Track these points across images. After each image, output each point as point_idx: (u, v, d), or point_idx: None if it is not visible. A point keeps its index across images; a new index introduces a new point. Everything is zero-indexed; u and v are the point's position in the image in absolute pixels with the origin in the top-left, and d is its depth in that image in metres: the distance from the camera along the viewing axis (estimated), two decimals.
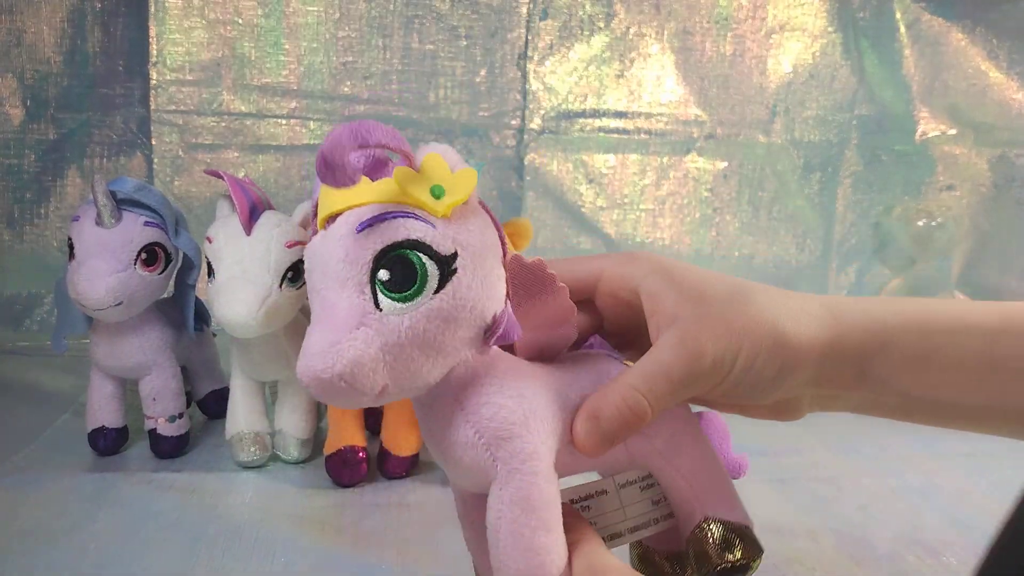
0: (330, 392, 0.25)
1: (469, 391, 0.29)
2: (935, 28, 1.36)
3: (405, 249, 0.26)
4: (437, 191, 0.26)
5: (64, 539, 0.57)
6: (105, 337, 0.70)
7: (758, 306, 0.30)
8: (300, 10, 1.18)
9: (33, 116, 1.13)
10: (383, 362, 0.25)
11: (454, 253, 0.26)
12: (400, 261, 0.26)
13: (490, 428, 0.29)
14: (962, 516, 0.65)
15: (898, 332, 0.31)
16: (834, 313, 0.31)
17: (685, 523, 0.36)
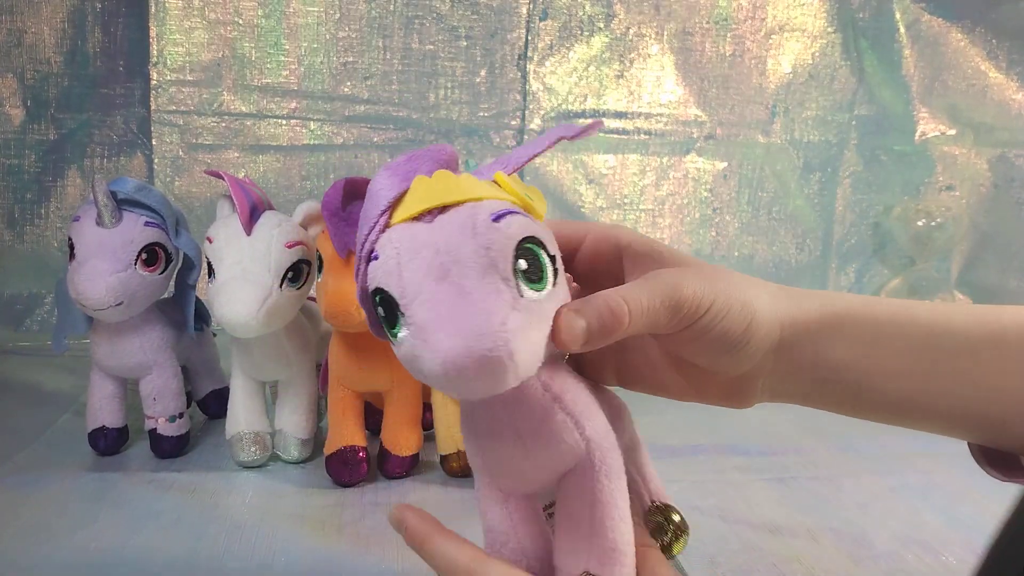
0: (488, 371, 0.25)
1: (552, 379, 0.32)
2: (935, 28, 1.36)
3: (530, 244, 0.27)
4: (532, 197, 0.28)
5: (65, 538, 0.58)
6: (105, 337, 0.70)
7: (733, 276, 0.33)
8: (300, 10, 1.18)
9: (33, 116, 1.13)
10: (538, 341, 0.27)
11: (554, 254, 0.29)
12: (531, 253, 0.27)
13: (575, 410, 0.32)
14: (961, 515, 0.66)
15: (848, 317, 0.33)
16: (793, 296, 0.34)
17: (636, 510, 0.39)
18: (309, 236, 0.67)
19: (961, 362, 0.32)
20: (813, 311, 0.33)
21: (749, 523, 0.63)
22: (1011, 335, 0.32)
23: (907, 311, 0.33)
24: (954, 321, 0.32)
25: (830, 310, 0.33)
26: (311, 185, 1.22)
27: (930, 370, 0.33)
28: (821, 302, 0.34)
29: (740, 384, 0.36)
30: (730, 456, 0.77)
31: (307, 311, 0.76)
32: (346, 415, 0.69)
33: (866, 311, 0.33)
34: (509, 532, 0.35)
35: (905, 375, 0.33)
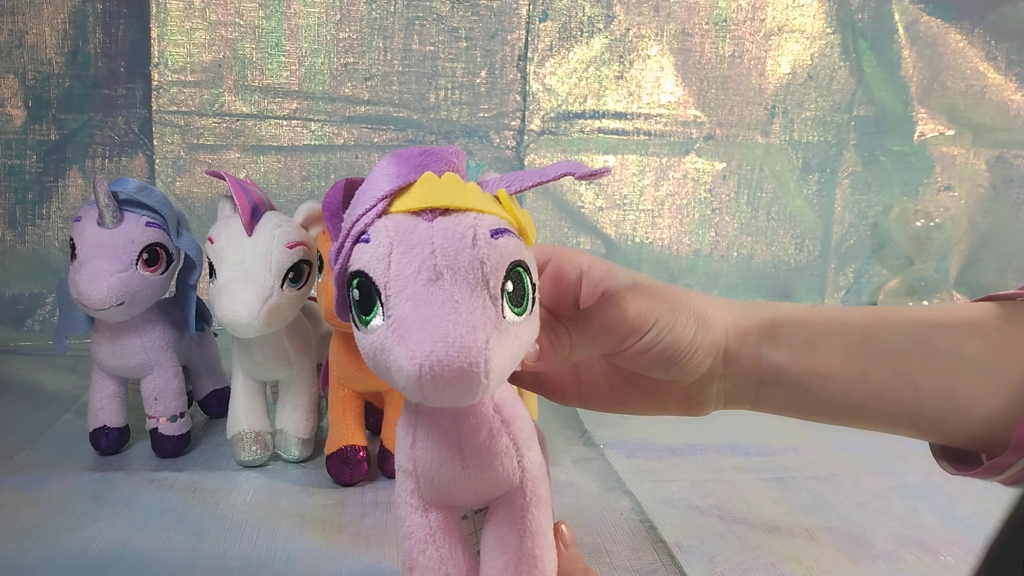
0: (462, 384, 0.25)
1: (504, 403, 0.32)
2: (933, 29, 1.36)
3: (520, 268, 0.27)
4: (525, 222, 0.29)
5: (66, 538, 0.58)
6: (107, 337, 0.70)
7: (683, 290, 0.36)
8: (301, 11, 1.18)
9: (35, 117, 1.13)
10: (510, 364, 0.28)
11: (536, 283, 0.29)
12: (519, 276, 0.27)
13: (520, 438, 0.32)
14: (960, 515, 0.66)
15: (786, 323, 0.35)
16: (739, 308, 0.36)
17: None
18: (310, 236, 0.67)
19: (893, 363, 0.33)
20: (755, 319, 0.36)
21: (748, 523, 0.63)
22: (937, 337, 0.33)
23: (841, 316, 0.35)
24: (886, 324, 0.34)
25: (770, 317, 0.35)
26: (312, 185, 1.22)
27: (865, 372, 0.34)
28: (763, 311, 0.36)
29: (695, 392, 0.37)
30: (729, 456, 0.78)
31: (308, 311, 0.76)
32: (346, 415, 0.69)
33: (802, 317, 0.35)
34: (428, 540, 0.34)
35: (842, 377, 0.34)
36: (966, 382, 0.33)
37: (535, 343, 0.31)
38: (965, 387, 0.33)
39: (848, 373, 0.34)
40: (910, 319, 0.34)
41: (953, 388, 0.33)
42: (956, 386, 0.33)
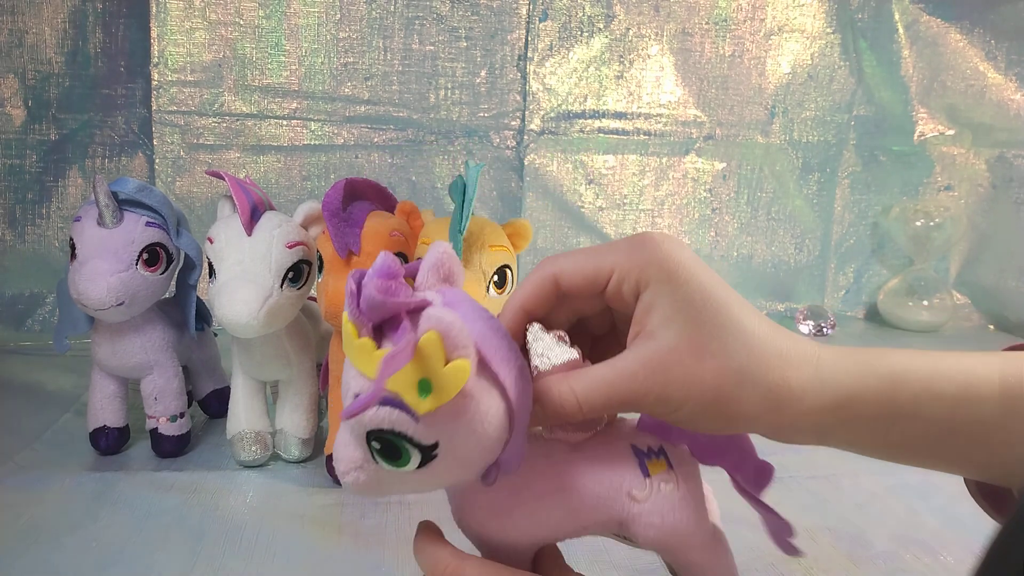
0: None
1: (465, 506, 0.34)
2: (933, 29, 1.36)
3: (390, 435, 0.28)
4: (425, 385, 0.27)
5: (66, 538, 0.58)
6: (107, 337, 0.70)
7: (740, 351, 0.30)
8: (301, 11, 1.18)
9: (35, 116, 1.13)
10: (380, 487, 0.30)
11: (435, 443, 0.28)
12: (388, 441, 0.29)
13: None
14: (959, 515, 0.66)
15: (865, 405, 0.31)
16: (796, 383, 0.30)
17: None
18: (310, 236, 0.67)
19: (978, 436, 0.31)
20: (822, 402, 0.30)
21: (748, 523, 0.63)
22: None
23: (931, 390, 0.30)
24: (980, 398, 0.30)
25: (844, 396, 0.30)
26: (312, 185, 1.22)
27: (942, 442, 0.31)
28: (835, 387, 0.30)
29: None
30: None
31: (307, 311, 0.76)
32: None
33: (886, 396, 0.30)
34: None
35: (914, 448, 0.32)
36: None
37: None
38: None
39: (921, 444, 0.32)
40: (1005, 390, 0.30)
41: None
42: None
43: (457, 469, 0.30)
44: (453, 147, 1.26)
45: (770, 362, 0.30)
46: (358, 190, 0.65)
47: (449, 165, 1.26)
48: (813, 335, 1.29)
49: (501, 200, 1.29)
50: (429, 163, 1.26)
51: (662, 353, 0.30)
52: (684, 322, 0.30)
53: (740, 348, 0.30)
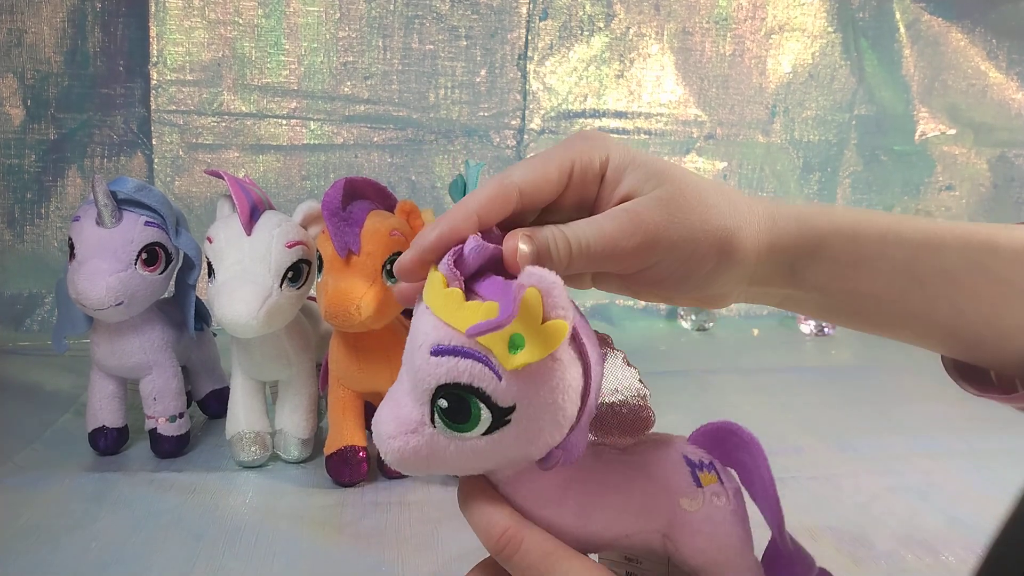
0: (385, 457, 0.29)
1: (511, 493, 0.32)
2: (935, 28, 1.36)
3: (465, 392, 0.27)
4: (517, 341, 0.26)
5: (65, 538, 0.58)
6: (106, 337, 0.70)
7: (711, 207, 0.32)
8: (300, 10, 1.18)
9: (34, 116, 1.13)
10: (429, 459, 0.29)
11: (512, 406, 0.27)
12: (459, 398, 0.27)
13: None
14: (960, 515, 0.66)
15: (829, 237, 0.32)
16: (774, 217, 0.33)
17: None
18: (309, 236, 0.67)
19: (939, 285, 0.32)
20: (798, 234, 0.32)
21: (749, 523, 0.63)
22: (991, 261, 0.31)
23: (896, 228, 0.32)
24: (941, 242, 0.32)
25: (811, 231, 0.32)
26: (311, 185, 1.22)
27: (906, 292, 0.32)
28: (812, 223, 0.32)
29: (711, 298, 0.35)
30: None
31: (307, 311, 0.76)
32: (346, 415, 0.69)
33: (854, 233, 0.32)
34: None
35: (879, 297, 0.33)
36: (1013, 308, 0.31)
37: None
38: (1009, 313, 0.32)
39: (887, 294, 0.32)
40: (968, 240, 0.32)
41: (997, 313, 0.32)
42: (1000, 311, 0.32)
43: (522, 443, 0.28)
44: (453, 146, 1.26)
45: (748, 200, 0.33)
46: (358, 189, 0.65)
47: (449, 164, 1.26)
48: (814, 335, 1.29)
49: None
50: (429, 162, 1.26)
51: (645, 206, 0.31)
52: (658, 183, 0.32)
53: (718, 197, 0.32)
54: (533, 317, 0.26)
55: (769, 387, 0.98)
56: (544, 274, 0.26)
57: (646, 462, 0.33)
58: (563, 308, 0.26)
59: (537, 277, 0.25)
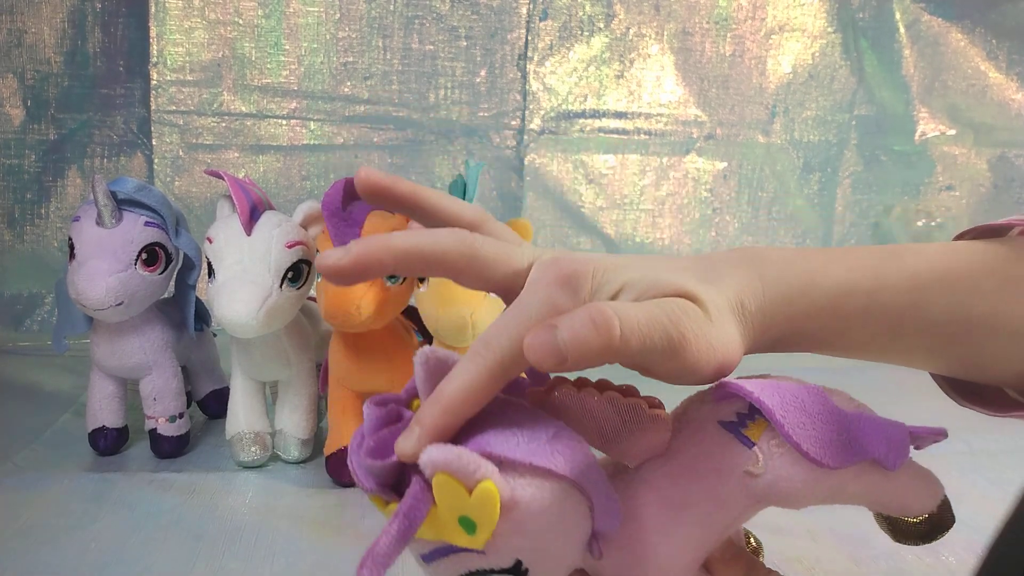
0: None
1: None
2: (935, 28, 1.36)
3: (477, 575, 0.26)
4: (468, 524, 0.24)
5: (65, 539, 0.58)
6: (105, 337, 0.70)
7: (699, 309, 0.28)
8: (300, 11, 1.18)
9: (34, 116, 1.13)
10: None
11: (516, 562, 0.26)
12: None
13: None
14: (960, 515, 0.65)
15: (810, 323, 0.30)
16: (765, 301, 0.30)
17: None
18: (309, 236, 0.67)
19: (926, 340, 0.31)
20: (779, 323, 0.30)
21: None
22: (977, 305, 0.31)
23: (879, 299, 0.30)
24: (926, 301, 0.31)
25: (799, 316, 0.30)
26: (311, 185, 1.22)
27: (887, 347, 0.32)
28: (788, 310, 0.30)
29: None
30: None
31: (307, 311, 0.76)
32: (346, 415, 0.69)
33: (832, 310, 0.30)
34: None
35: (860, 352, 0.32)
36: (996, 348, 0.31)
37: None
38: (993, 352, 0.31)
39: (866, 351, 0.32)
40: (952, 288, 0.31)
41: (981, 353, 0.32)
42: (984, 352, 0.31)
43: (558, 566, 0.27)
44: (453, 147, 1.26)
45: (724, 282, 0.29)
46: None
47: (449, 165, 1.26)
48: None
49: (501, 200, 1.28)
50: (429, 163, 1.26)
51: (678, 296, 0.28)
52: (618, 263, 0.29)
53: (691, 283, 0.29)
54: (459, 498, 0.24)
55: None
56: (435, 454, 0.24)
57: (691, 457, 0.30)
58: (476, 469, 0.24)
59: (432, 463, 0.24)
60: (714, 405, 0.31)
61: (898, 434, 0.30)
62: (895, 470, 0.29)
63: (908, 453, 0.30)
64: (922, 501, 0.31)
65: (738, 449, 0.29)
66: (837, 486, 0.30)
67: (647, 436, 0.29)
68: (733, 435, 0.30)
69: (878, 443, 0.29)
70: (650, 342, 0.26)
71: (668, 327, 0.26)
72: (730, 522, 0.30)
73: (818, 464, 0.28)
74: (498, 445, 0.26)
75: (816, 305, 0.30)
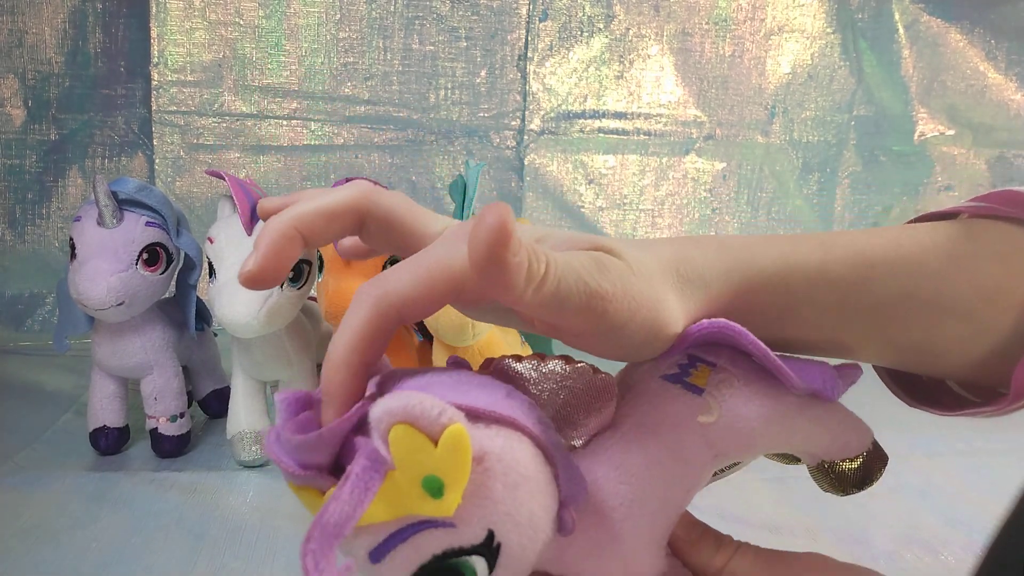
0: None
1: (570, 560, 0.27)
2: (934, 29, 1.36)
3: (440, 563, 0.22)
4: (432, 482, 0.21)
5: (66, 538, 0.58)
6: (107, 337, 0.70)
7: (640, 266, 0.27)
8: (301, 11, 1.18)
9: (35, 117, 1.13)
10: None
11: (489, 533, 0.23)
12: (445, 572, 0.23)
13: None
14: (960, 515, 0.66)
15: (759, 293, 0.29)
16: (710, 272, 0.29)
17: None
18: None
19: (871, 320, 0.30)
20: (726, 294, 0.29)
21: (748, 523, 0.63)
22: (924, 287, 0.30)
23: (825, 272, 0.30)
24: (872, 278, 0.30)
25: (744, 287, 0.29)
26: (312, 185, 1.22)
27: (837, 332, 0.31)
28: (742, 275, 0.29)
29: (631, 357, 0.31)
30: None
31: (308, 311, 0.76)
32: None
33: (785, 282, 0.29)
34: None
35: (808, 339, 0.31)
36: (943, 329, 0.31)
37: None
38: (940, 334, 0.31)
39: (815, 336, 0.31)
40: (898, 266, 0.30)
41: (928, 337, 0.31)
42: (933, 336, 0.31)
43: (529, 542, 0.24)
44: (453, 147, 1.26)
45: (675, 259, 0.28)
46: None
47: (449, 165, 1.26)
48: None
49: (501, 200, 1.28)
50: (429, 163, 1.26)
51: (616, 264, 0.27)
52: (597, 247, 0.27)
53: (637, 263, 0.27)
54: (420, 450, 0.20)
55: None
56: (391, 402, 0.21)
57: (640, 421, 0.28)
58: (440, 412, 0.20)
59: (389, 411, 0.21)
60: (652, 363, 0.29)
61: (825, 368, 0.29)
62: (835, 400, 0.29)
63: (841, 384, 0.29)
64: (860, 435, 0.30)
65: (688, 399, 0.28)
66: (788, 423, 0.29)
67: (595, 403, 0.27)
68: (680, 386, 0.28)
69: (814, 376, 0.29)
70: (565, 287, 0.23)
71: (583, 275, 0.24)
72: (694, 480, 0.28)
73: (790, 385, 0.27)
74: (455, 397, 0.22)
75: (762, 275, 0.29)
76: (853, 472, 0.31)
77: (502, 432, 0.23)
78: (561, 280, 0.23)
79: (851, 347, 0.31)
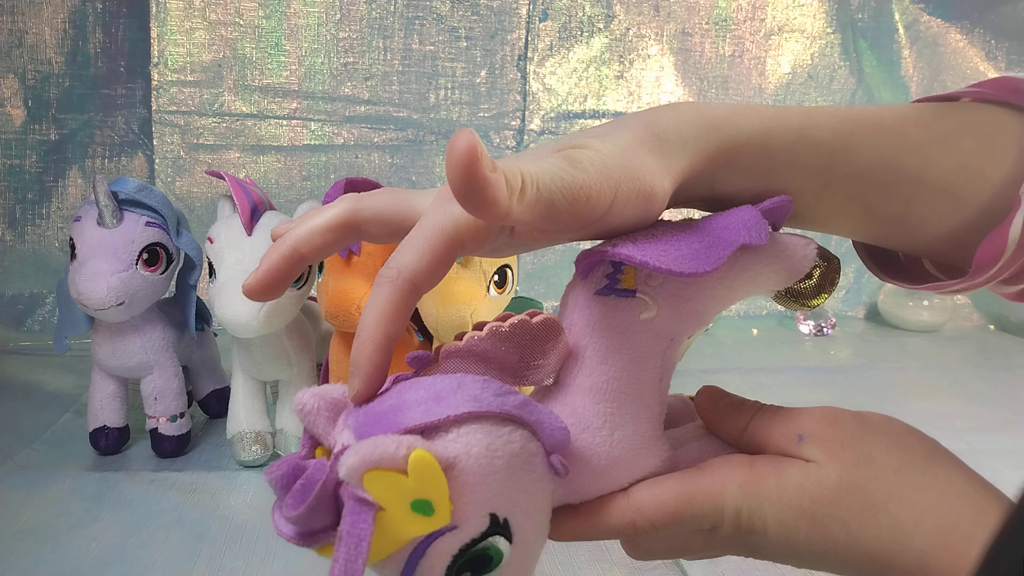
0: None
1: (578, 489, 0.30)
2: (934, 29, 1.36)
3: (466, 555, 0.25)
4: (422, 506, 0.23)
5: (66, 538, 0.58)
6: (107, 337, 0.70)
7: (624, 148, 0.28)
8: (301, 11, 1.18)
9: (35, 117, 1.13)
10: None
11: (491, 513, 0.25)
12: (472, 561, 0.25)
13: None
14: None
15: (744, 150, 0.30)
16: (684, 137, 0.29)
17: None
18: None
19: (852, 187, 0.31)
20: (712, 147, 0.30)
21: None
22: (906, 159, 0.31)
23: (808, 135, 0.30)
24: (855, 145, 0.31)
25: (725, 144, 0.30)
26: (312, 185, 1.22)
27: (820, 197, 0.31)
28: (723, 132, 0.30)
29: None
30: None
31: (308, 311, 0.76)
32: None
33: (766, 142, 0.30)
34: None
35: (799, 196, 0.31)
36: (922, 203, 0.31)
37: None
38: (920, 209, 0.32)
39: (801, 199, 0.31)
40: (882, 139, 0.31)
41: (908, 210, 0.32)
42: (911, 207, 0.32)
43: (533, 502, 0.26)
44: None
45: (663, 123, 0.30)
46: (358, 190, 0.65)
47: None
48: (813, 335, 1.29)
49: None
50: (429, 163, 1.26)
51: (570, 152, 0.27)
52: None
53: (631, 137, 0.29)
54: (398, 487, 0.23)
55: (768, 387, 0.98)
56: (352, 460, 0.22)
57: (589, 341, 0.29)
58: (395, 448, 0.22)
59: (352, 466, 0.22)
60: (583, 283, 0.30)
61: (747, 214, 0.29)
62: (766, 243, 0.29)
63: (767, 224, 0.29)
64: (803, 253, 0.30)
65: (624, 304, 0.29)
66: (727, 283, 0.30)
67: (545, 344, 0.28)
68: (613, 295, 0.29)
69: (736, 230, 0.29)
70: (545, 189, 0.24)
71: (558, 173, 0.25)
72: (660, 371, 0.29)
73: (698, 275, 0.27)
74: (408, 419, 0.24)
75: (742, 135, 0.30)
76: (811, 288, 0.33)
77: (462, 430, 0.24)
78: (539, 184, 0.24)
79: (834, 218, 0.32)
